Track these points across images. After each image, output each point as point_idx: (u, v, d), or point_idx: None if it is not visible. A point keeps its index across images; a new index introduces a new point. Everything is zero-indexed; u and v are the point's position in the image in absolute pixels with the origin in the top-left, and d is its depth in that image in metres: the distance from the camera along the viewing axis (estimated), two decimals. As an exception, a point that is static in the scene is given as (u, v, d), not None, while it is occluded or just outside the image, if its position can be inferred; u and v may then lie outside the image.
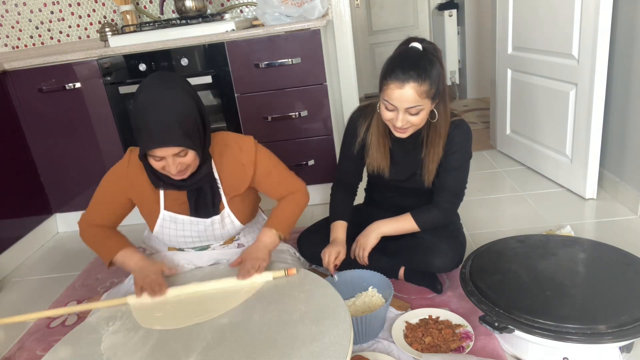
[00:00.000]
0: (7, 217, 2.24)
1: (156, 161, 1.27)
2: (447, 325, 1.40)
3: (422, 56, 1.36)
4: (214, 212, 1.44)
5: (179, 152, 1.25)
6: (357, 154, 1.62)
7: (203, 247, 1.57)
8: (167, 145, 1.21)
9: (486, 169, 2.69)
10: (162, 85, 1.24)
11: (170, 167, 1.26)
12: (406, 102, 1.35)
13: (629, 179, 2.05)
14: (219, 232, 1.49)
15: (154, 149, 1.22)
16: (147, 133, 1.22)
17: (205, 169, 1.38)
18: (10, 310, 1.91)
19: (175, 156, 1.25)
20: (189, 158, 1.28)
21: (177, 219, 1.44)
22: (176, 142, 1.22)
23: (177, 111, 1.23)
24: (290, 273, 1.35)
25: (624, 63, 1.99)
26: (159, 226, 1.46)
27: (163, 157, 1.25)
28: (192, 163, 1.30)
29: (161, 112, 1.21)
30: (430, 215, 1.57)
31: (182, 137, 1.22)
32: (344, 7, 2.52)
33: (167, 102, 1.22)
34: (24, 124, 2.34)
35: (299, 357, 1.02)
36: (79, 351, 1.17)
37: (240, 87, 2.21)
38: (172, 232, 1.47)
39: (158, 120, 1.21)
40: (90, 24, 2.69)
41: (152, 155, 1.25)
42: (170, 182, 1.36)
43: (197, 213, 1.43)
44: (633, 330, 1.13)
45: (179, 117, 1.23)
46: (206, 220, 1.45)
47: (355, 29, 4.52)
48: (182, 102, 1.24)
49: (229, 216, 1.47)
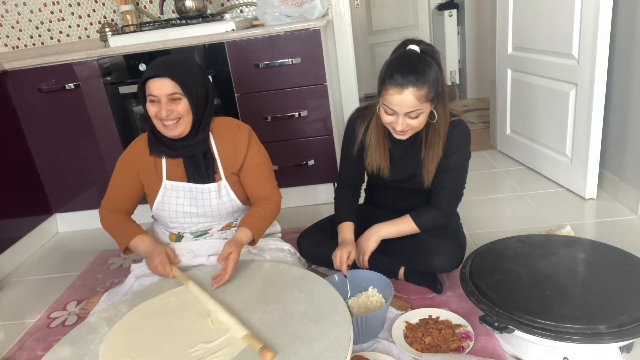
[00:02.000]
0: (7, 217, 2.24)
1: (151, 103, 1.37)
2: (447, 325, 1.40)
3: (420, 59, 1.36)
4: (208, 179, 1.50)
5: (172, 93, 1.35)
6: (357, 156, 1.62)
7: (202, 233, 1.58)
8: (162, 76, 1.33)
9: (486, 169, 2.70)
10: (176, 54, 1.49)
11: (162, 110, 1.35)
12: (406, 107, 1.36)
13: (629, 179, 2.05)
14: (215, 202, 1.52)
15: (150, 76, 1.34)
16: (150, 67, 1.36)
17: (201, 136, 1.46)
18: (10, 310, 1.91)
19: (168, 99, 1.35)
20: (182, 107, 1.37)
21: (177, 187, 1.51)
22: (171, 75, 1.33)
23: (183, 63, 1.39)
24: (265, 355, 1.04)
25: (624, 63, 1.99)
26: (160, 196, 1.52)
27: (158, 99, 1.35)
28: (184, 115, 1.39)
29: (169, 58, 1.41)
30: (429, 216, 1.57)
31: (178, 76, 1.34)
32: (344, 7, 2.52)
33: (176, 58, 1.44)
34: (24, 124, 2.34)
35: (299, 357, 1.02)
36: (78, 351, 1.17)
37: (240, 87, 2.21)
38: (172, 201, 1.52)
39: (164, 59, 1.39)
40: (90, 24, 2.69)
41: (149, 95, 1.36)
42: (164, 143, 1.45)
43: (194, 178, 1.50)
44: (633, 330, 1.13)
45: (182, 67, 1.37)
46: (203, 187, 1.50)
47: (355, 29, 4.52)
48: (191, 64, 1.41)
49: (225, 187, 1.52)
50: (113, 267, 2.12)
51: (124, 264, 2.12)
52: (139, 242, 1.51)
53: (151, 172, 1.53)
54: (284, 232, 1.86)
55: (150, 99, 1.37)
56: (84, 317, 1.68)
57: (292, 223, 2.26)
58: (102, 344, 1.17)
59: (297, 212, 2.42)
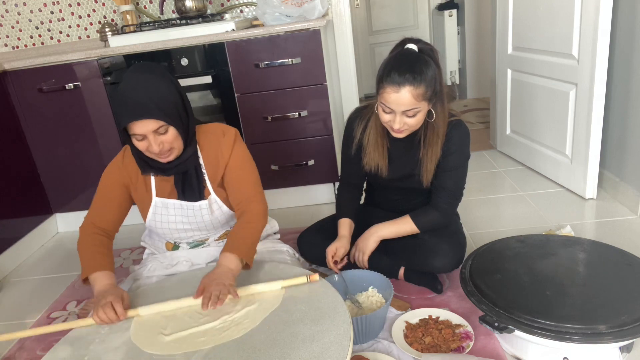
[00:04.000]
0: (7, 217, 2.24)
1: (138, 141, 1.29)
2: (447, 325, 1.40)
3: (417, 58, 1.36)
4: (199, 196, 1.44)
5: (157, 128, 1.26)
6: (355, 155, 1.62)
7: (198, 243, 1.57)
8: (143, 118, 1.23)
9: (486, 169, 2.70)
10: (142, 70, 1.29)
11: (152, 145, 1.27)
12: (403, 105, 1.36)
13: (629, 179, 2.05)
14: (208, 218, 1.48)
15: (129, 122, 1.24)
16: (125, 109, 1.24)
17: (190, 150, 1.39)
18: (11, 310, 1.91)
19: (155, 134, 1.27)
20: (170, 136, 1.29)
21: (167, 204, 1.45)
22: (152, 115, 1.23)
23: (155, 91, 1.26)
24: (313, 279, 1.27)
25: (624, 63, 1.99)
26: (151, 214, 1.46)
27: (144, 136, 1.27)
28: (174, 143, 1.31)
29: (139, 92, 1.25)
30: (429, 216, 1.57)
31: (158, 112, 1.24)
32: (344, 7, 2.52)
33: (144, 83, 1.26)
34: (24, 124, 2.34)
35: (299, 357, 1.02)
36: (78, 351, 1.17)
37: (240, 87, 2.21)
38: (163, 219, 1.47)
39: (135, 97, 1.24)
40: (90, 24, 2.69)
41: (134, 135, 1.27)
42: (157, 167, 1.37)
43: (185, 196, 1.44)
44: (633, 330, 1.12)
45: (156, 95, 1.26)
46: (194, 204, 1.45)
47: (355, 29, 4.52)
48: (159, 83, 1.28)
49: (216, 202, 1.47)
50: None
51: (123, 264, 2.12)
52: (100, 277, 1.34)
53: (140, 187, 1.46)
54: (284, 232, 1.86)
55: (135, 138, 1.28)
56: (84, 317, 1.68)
57: (292, 223, 2.26)
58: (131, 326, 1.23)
59: (297, 212, 2.42)
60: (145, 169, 1.39)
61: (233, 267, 1.30)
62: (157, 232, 1.54)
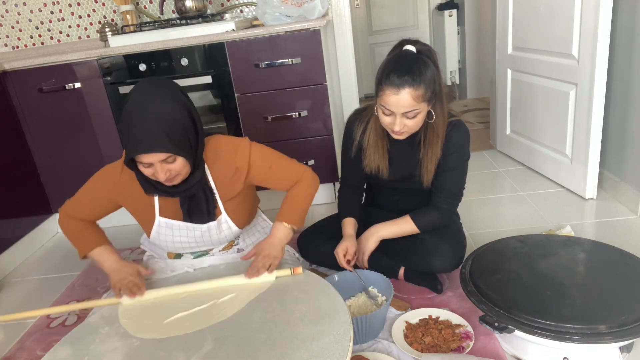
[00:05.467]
0: (7, 217, 2.24)
1: (144, 167, 1.24)
2: (447, 325, 1.40)
3: (416, 59, 1.36)
4: (209, 218, 1.40)
5: (166, 158, 1.20)
6: (355, 157, 1.62)
7: (202, 253, 1.54)
8: (152, 152, 1.18)
9: (486, 169, 2.70)
10: (150, 90, 1.22)
11: (159, 173, 1.22)
12: (403, 107, 1.36)
13: (629, 179, 2.05)
14: (216, 237, 1.45)
15: (138, 154, 1.19)
16: (132, 139, 1.18)
17: (198, 175, 1.33)
18: (11, 311, 1.91)
19: (163, 163, 1.21)
20: (178, 165, 1.24)
21: (172, 225, 1.41)
22: (161, 148, 1.18)
23: (164, 117, 1.19)
24: (297, 272, 1.35)
25: (624, 63, 1.99)
26: (155, 232, 1.43)
27: (151, 164, 1.21)
28: (182, 170, 1.26)
29: (147, 118, 1.18)
30: (429, 217, 1.57)
31: (167, 142, 1.18)
32: (344, 7, 2.52)
33: (153, 108, 1.19)
34: (24, 124, 2.34)
35: (299, 357, 1.02)
36: (78, 351, 1.17)
37: (240, 87, 2.21)
38: (168, 238, 1.44)
39: (144, 125, 1.18)
40: (90, 24, 2.69)
41: (140, 162, 1.22)
42: (162, 189, 1.32)
43: (191, 219, 1.39)
44: (633, 330, 1.13)
45: (166, 123, 1.19)
46: (202, 226, 1.41)
47: (355, 29, 4.52)
48: (170, 108, 1.21)
49: (226, 222, 1.43)
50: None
51: (124, 264, 2.12)
52: (103, 256, 1.39)
53: (140, 204, 1.40)
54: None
55: (142, 165, 1.23)
56: (84, 317, 1.68)
57: (292, 223, 2.26)
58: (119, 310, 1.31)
59: (297, 212, 2.42)
60: (149, 190, 1.33)
61: (283, 237, 1.42)
62: (160, 246, 1.51)
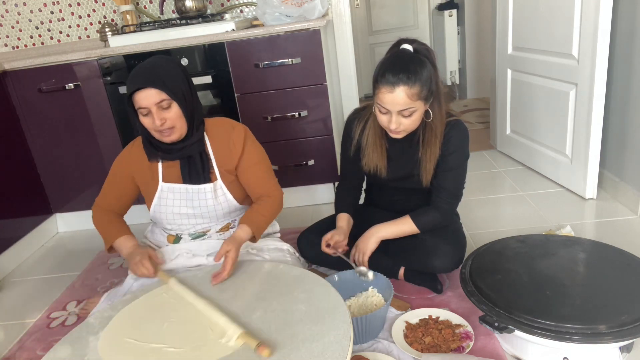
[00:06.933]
0: (7, 217, 2.24)
1: (143, 116, 1.38)
2: (447, 325, 1.40)
3: (412, 58, 1.37)
4: (204, 179, 1.50)
5: (160, 101, 1.34)
6: (354, 156, 1.63)
7: (200, 234, 1.59)
8: (146, 86, 1.32)
9: (486, 169, 2.70)
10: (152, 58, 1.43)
11: (155, 119, 1.35)
12: (398, 105, 1.36)
13: (629, 179, 2.05)
14: (211, 203, 1.52)
15: (134, 89, 1.33)
16: (131, 77, 1.35)
17: (196, 136, 1.47)
18: (10, 310, 1.91)
19: (159, 108, 1.35)
20: (173, 113, 1.38)
21: (174, 189, 1.52)
22: (154, 84, 1.33)
23: (162, 68, 1.38)
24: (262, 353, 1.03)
25: (624, 63, 1.99)
26: (156, 199, 1.53)
27: (148, 110, 1.35)
28: (177, 121, 1.39)
29: (146, 66, 1.38)
30: (429, 216, 1.57)
31: (162, 84, 1.34)
32: (344, 7, 2.52)
33: (154, 61, 1.40)
34: (24, 124, 2.34)
35: (299, 357, 1.02)
36: (78, 351, 1.16)
37: (240, 87, 2.21)
38: (168, 204, 1.53)
39: (143, 70, 1.36)
40: (90, 24, 2.69)
41: (139, 109, 1.36)
42: (162, 149, 1.46)
43: (190, 179, 1.50)
44: (633, 330, 1.13)
45: (162, 71, 1.36)
46: (199, 187, 1.51)
47: (355, 29, 4.52)
48: (166, 64, 1.40)
49: (221, 188, 1.53)
50: (113, 267, 2.12)
51: (124, 264, 2.12)
52: (123, 242, 1.52)
53: (147, 176, 1.54)
54: (284, 232, 1.86)
55: (141, 112, 1.38)
56: (84, 317, 1.68)
57: (292, 223, 2.26)
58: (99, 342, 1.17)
59: (297, 212, 2.42)
60: (151, 153, 1.48)
61: (245, 239, 1.46)
62: (161, 220, 1.58)
